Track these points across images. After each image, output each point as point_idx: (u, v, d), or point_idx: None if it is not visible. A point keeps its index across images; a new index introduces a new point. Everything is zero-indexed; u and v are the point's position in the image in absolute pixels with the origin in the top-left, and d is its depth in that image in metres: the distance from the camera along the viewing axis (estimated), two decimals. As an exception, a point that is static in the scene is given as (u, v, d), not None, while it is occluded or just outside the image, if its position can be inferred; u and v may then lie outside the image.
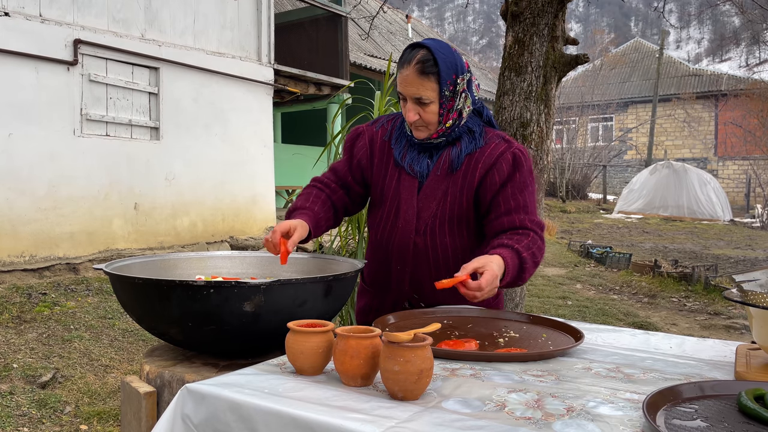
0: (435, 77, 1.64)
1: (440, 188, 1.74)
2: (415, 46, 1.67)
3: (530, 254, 1.60)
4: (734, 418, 0.98)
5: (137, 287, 1.43)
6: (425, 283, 1.79)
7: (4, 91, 5.62)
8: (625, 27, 79.68)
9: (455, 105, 1.69)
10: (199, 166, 7.40)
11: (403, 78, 1.65)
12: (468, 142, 1.74)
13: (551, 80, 3.35)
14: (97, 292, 5.32)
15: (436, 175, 1.74)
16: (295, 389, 1.12)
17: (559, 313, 5.86)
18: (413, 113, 1.67)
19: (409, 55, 1.66)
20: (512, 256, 1.55)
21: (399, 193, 1.77)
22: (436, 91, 1.65)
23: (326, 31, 10.41)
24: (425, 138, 1.73)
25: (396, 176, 1.78)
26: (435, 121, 1.68)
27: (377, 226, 1.84)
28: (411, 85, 1.64)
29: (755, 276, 1.41)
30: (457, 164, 1.73)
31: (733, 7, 11.50)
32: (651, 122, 24.02)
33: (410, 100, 1.67)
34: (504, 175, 1.71)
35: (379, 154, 1.82)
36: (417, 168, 1.75)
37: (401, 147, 1.78)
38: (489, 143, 1.75)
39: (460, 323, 1.62)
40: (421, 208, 1.75)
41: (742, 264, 9.41)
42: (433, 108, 1.66)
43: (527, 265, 1.58)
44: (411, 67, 1.64)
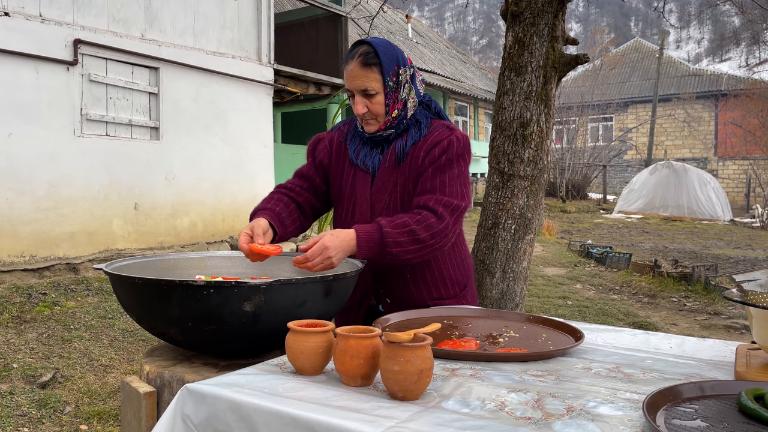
0: (377, 68, 1.72)
1: (390, 180, 1.79)
2: (358, 43, 1.76)
3: (399, 227, 1.62)
4: (734, 418, 0.98)
5: (137, 287, 1.43)
6: (389, 276, 1.82)
7: (4, 91, 5.63)
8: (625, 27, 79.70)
9: (399, 95, 1.76)
10: (199, 166, 7.40)
11: (348, 73, 1.74)
12: (414, 133, 1.80)
13: (551, 80, 3.35)
14: (97, 292, 5.32)
15: (386, 168, 1.80)
16: (295, 389, 1.12)
17: (559, 313, 5.86)
18: (361, 106, 1.74)
19: (351, 51, 1.76)
20: (369, 230, 1.61)
21: (354, 189, 1.84)
22: (380, 81, 1.73)
23: (326, 31, 10.41)
24: (375, 131, 1.79)
25: (351, 174, 1.85)
26: (382, 112, 1.75)
27: (339, 223, 1.89)
28: (356, 78, 1.72)
29: (755, 276, 1.41)
30: (402, 155, 1.78)
31: (733, 7, 11.50)
32: (651, 122, 24.03)
33: (357, 94, 1.74)
34: (434, 158, 1.75)
35: (336, 155, 1.90)
36: (369, 163, 1.82)
37: (355, 145, 1.86)
38: (432, 131, 1.80)
39: (460, 323, 1.62)
40: (375, 201, 1.80)
41: (742, 264, 9.41)
42: (379, 99, 1.73)
43: (390, 239, 1.60)
44: (354, 61, 1.73)
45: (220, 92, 7.69)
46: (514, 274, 3.36)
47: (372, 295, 1.87)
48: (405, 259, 1.64)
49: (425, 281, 1.84)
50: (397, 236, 1.61)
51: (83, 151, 6.24)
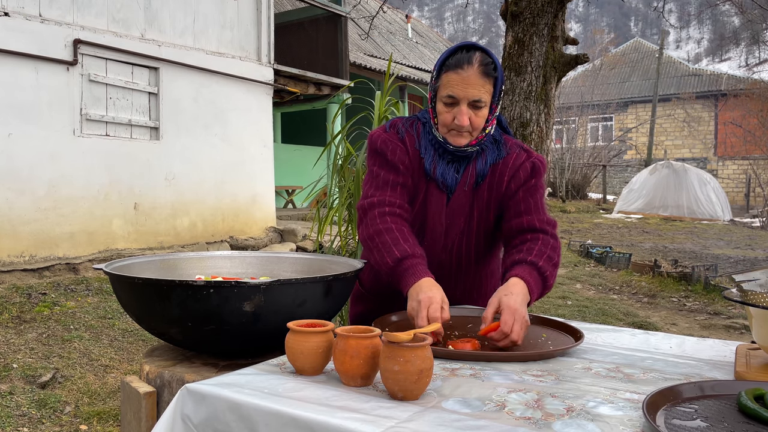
0: (493, 81, 1.59)
1: (467, 203, 1.69)
2: (470, 47, 1.60)
3: (546, 259, 1.55)
4: (734, 418, 0.98)
5: (137, 287, 1.43)
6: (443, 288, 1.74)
7: (4, 91, 5.62)
8: (624, 27, 79.71)
9: (497, 112, 1.67)
10: (198, 166, 7.40)
11: (463, 79, 1.56)
12: (492, 152, 1.69)
13: (551, 80, 3.36)
14: (97, 292, 5.32)
15: (464, 190, 1.68)
16: (295, 389, 1.13)
17: (559, 313, 5.86)
18: (467, 117, 1.58)
19: (466, 55, 1.57)
20: (530, 272, 1.51)
21: (426, 207, 1.70)
22: (491, 95, 1.61)
23: (326, 31, 10.41)
24: (464, 145, 1.64)
25: (424, 188, 1.70)
26: (481, 126, 1.63)
27: None
28: (472, 87, 1.56)
29: (755, 276, 1.41)
30: (482, 176, 1.68)
31: (733, 7, 11.50)
32: (651, 122, 24.03)
33: (465, 103, 1.58)
34: (520, 181, 1.68)
35: (412, 162, 1.70)
36: (449, 181, 1.68)
37: (431, 156, 1.69)
38: (510, 153, 1.70)
39: (460, 323, 1.62)
40: (450, 224, 1.70)
41: (742, 264, 9.41)
42: (484, 112, 1.61)
43: (547, 272, 1.54)
44: (473, 68, 1.56)
45: (220, 92, 7.69)
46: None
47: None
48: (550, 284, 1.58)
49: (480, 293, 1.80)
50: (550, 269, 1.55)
51: (83, 151, 6.24)
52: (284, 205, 11.83)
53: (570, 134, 22.44)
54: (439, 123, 1.64)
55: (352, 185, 3.41)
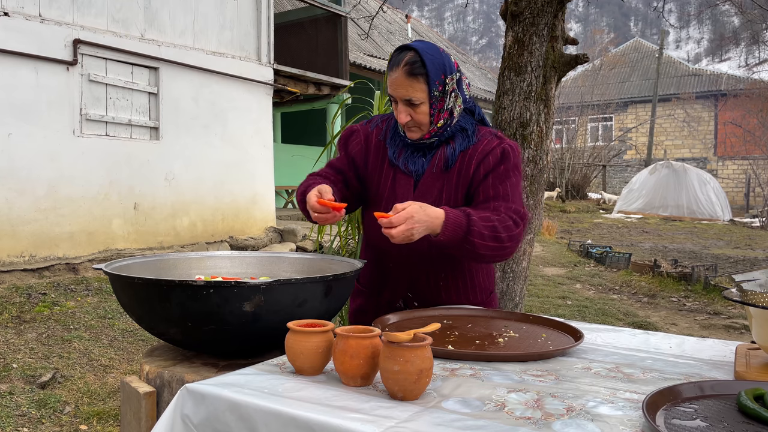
0: (423, 78, 1.65)
1: (436, 186, 1.74)
2: (403, 48, 1.68)
3: (487, 225, 1.56)
4: (734, 417, 0.98)
5: (137, 287, 1.43)
6: (421, 282, 1.80)
7: (4, 91, 5.62)
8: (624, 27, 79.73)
9: (445, 105, 1.70)
10: (198, 166, 7.40)
11: (393, 80, 1.66)
12: (461, 140, 1.75)
13: (551, 80, 3.36)
14: (97, 292, 5.32)
15: (432, 174, 1.74)
16: (294, 389, 1.13)
17: (559, 312, 5.86)
18: (404, 115, 1.68)
19: (397, 57, 1.67)
20: (457, 214, 1.54)
21: (395, 192, 1.77)
22: (426, 92, 1.66)
23: (326, 31, 10.40)
24: (418, 138, 1.73)
25: (391, 176, 1.78)
26: (426, 121, 1.69)
27: (373, 227, 1.81)
28: (400, 87, 1.65)
29: (755, 276, 1.41)
30: (451, 162, 1.73)
31: (733, 7, 11.50)
32: (651, 122, 24.04)
33: (401, 102, 1.68)
34: (489, 166, 1.71)
35: (374, 153, 1.82)
36: (412, 167, 1.76)
37: (396, 146, 1.78)
38: (482, 140, 1.76)
39: (459, 323, 1.62)
40: None
41: (741, 264, 9.41)
42: (423, 109, 1.67)
43: (475, 227, 1.54)
44: (399, 69, 1.65)
45: (219, 92, 7.69)
46: (514, 274, 3.36)
47: (400, 299, 1.85)
48: (480, 253, 1.58)
49: (456, 287, 1.82)
50: (483, 228, 1.56)
51: (83, 151, 6.24)
52: (284, 205, 11.83)
53: (570, 134, 22.44)
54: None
55: (352, 185, 3.41)
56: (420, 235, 1.50)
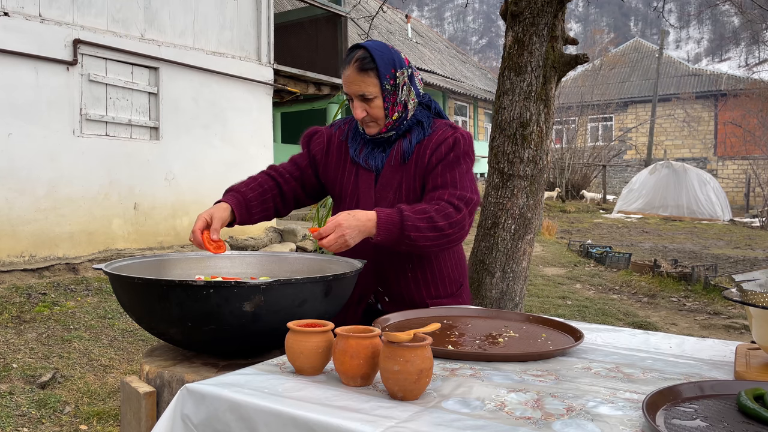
0: (374, 73, 1.73)
1: (395, 179, 1.80)
2: (354, 47, 1.78)
3: (423, 217, 1.60)
4: (734, 417, 0.98)
5: (137, 287, 1.43)
6: (389, 274, 1.83)
7: (4, 91, 5.62)
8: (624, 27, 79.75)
9: (398, 98, 1.77)
10: (198, 166, 7.40)
11: (346, 78, 1.75)
12: (417, 133, 1.81)
13: (551, 80, 3.35)
14: (97, 292, 5.32)
15: (390, 167, 1.81)
16: (294, 389, 1.13)
17: (559, 312, 5.86)
18: (360, 110, 1.75)
19: (348, 56, 1.77)
20: (389, 213, 1.60)
21: (357, 187, 1.84)
22: (378, 86, 1.74)
23: (326, 31, 10.40)
24: (376, 133, 1.80)
25: (353, 173, 1.85)
26: (382, 115, 1.77)
27: None
28: (353, 84, 1.74)
29: (755, 276, 1.41)
30: (408, 154, 1.80)
31: (733, 7, 11.50)
32: (651, 122, 24.03)
33: (356, 98, 1.75)
34: (440, 155, 1.76)
35: (336, 153, 1.90)
36: (372, 162, 1.83)
37: (356, 144, 1.86)
38: (436, 131, 1.81)
39: (459, 323, 1.62)
40: (379, 198, 1.81)
41: (741, 264, 9.42)
42: (377, 103, 1.75)
43: (409, 222, 1.59)
44: (351, 66, 1.74)
45: (219, 92, 7.69)
46: (514, 274, 3.36)
47: (371, 294, 1.87)
48: (421, 246, 1.62)
49: (425, 280, 1.85)
50: (417, 221, 1.60)
51: (83, 151, 6.24)
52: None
53: (570, 134, 22.44)
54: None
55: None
56: (355, 240, 1.56)
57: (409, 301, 1.83)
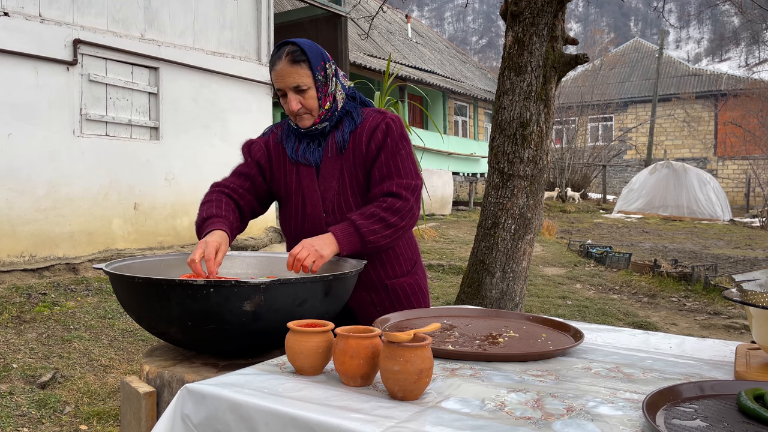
0: (306, 64, 1.78)
1: (336, 169, 1.85)
2: (281, 44, 1.81)
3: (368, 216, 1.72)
4: (734, 417, 0.98)
5: (137, 287, 1.43)
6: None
7: (4, 91, 5.62)
8: (624, 27, 79.78)
9: (329, 89, 1.83)
10: (198, 166, 7.40)
11: (278, 73, 1.78)
12: (348, 123, 1.87)
13: (551, 80, 3.35)
14: (97, 292, 5.32)
15: (329, 159, 1.86)
16: (295, 389, 1.12)
17: (559, 312, 5.86)
18: (295, 102, 1.79)
19: (277, 52, 1.80)
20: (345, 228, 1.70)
21: (300, 184, 1.88)
22: (311, 76, 1.79)
23: (326, 31, 10.40)
24: (310, 126, 1.84)
25: (294, 171, 1.89)
26: (316, 105, 1.81)
27: (289, 220, 1.92)
28: (287, 76, 1.77)
29: (755, 276, 1.41)
30: (343, 143, 1.85)
31: (733, 7, 11.50)
32: (651, 122, 24.03)
33: (290, 92, 1.79)
34: (379, 142, 1.83)
35: (275, 156, 1.94)
36: (310, 157, 1.87)
37: (292, 143, 1.91)
38: (367, 118, 1.88)
39: (460, 323, 1.62)
40: (324, 190, 1.85)
41: (741, 264, 9.42)
42: (311, 93, 1.79)
43: (364, 228, 1.70)
44: (282, 60, 1.77)
45: (219, 92, 7.69)
46: (514, 274, 3.36)
47: None
48: (383, 244, 1.74)
49: (381, 261, 1.89)
50: (371, 225, 1.70)
51: (83, 151, 6.24)
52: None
53: (570, 134, 22.44)
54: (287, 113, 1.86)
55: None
56: (329, 250, 1.64)
57: (369, 284, 1.87)
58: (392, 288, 1.89)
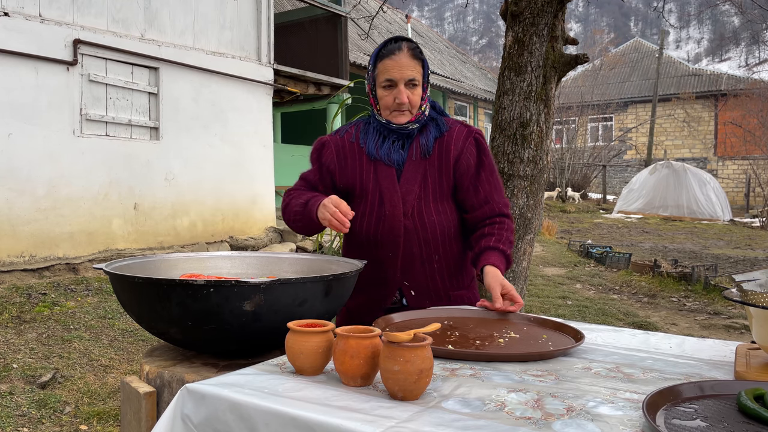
0: (421, 63, 1.84)
1: (419, 173, 1.87)
2: (397, 39, 1.84)
3: (508, 244, 1.87)
4: (734, 417, 0.98)
5: (137, 286, 1.43)
6: (416, 267, 1.87)
7: (4, 91, 5.62)
8: (624, 27, 79.77)
9: (427, 92, 1.88)
10: (198, 166, 7.40)
11: (396, 62, 1.79)
12: (433, 129, 1.90)
13: (551, 80, 3.35)
14: (97, 292, 5.32)
15: (412, 161, 1.87)
16: (295, 389, 1.12)
17: (559, 312, 5.86)
18: (405, 95, 1.80)
19: (394, 45, 1.82)
20: (501, 260, 1.82)
21: (379, 183, 1.88)
22: (422, 75, 1.84)
23: (326, 31, 10.40)
24: (405, 123, 1.85)
25: (372, 170, 1.89)
26: (418, 103, 1.84)
27: (362, 218, 1.89)
28: (406, 68, 1.79)
29: (755, 276, 1.41)
30: (428, 149, 1.87)
31: (733, 7, 11.50)
32: (651, 122, 24.02)
33: (401, 83, 1.80)
34: (474, 157, 1.90)
35: (350, 155, 1.94)
36: (394, 156, 1.88)
37: (373, 140, 1.90)
38: (452, 127, 1.92)
39: (460, 323, 1.62)
40: (405, 192, 1.86)
41: (741, 264, 9.42)
42: (418, 91, 1.83)
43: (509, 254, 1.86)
44: (403, 52, 1.80)
45: (219, 92, 7.69)
46: (514, 274, 3.36)
47: (396, 290, 1.90)
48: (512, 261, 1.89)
49: (450, 272, 1.91)
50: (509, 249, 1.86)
51: (83, 151, 6.24)
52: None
53: (570, 134, 22.44)
54: (381, 107, 1.86)
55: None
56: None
57: (434, 294, 1.88)
58: (454, 299, 1.91)
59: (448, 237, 1.91)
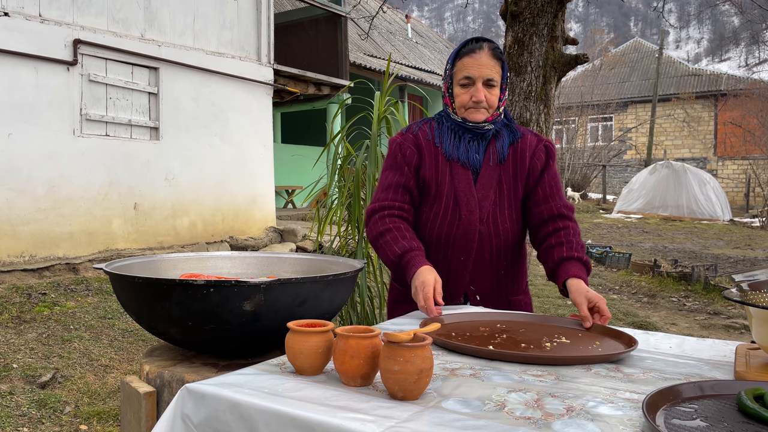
0: (501, 64, 1.84)
1: (494, 177, 1.87)
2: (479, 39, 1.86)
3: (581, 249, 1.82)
4: (734, 417, 0.98)
5: (137, 286, 1.43)
6: (485, 273, 1.87)
7: (4, 91, 5.62)
8: (624, 27, 79.76)
9: (505, 95, 1.89)
10: (198, 166, 7.40)
11: (476, 60, 1.80)
12: (508, 134, 1.91)
13: (551, 80, 3.36)
14: (97, 292, 5.32)
15: (489, 166, 1.87)
16: (295, 389, 1.12)
17: (559, 312, 5.86)
18: (482, 93, 1.80)
19: (476, 44, 1.83)
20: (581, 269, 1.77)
21: (454, 185, 1.86)
22: (501, 76, 1.84)
23: (326, 31, 10.41)
24: (482, 120, 1.83)
25: (448, 171, 1.87)
26: (495, 104, 1.84)
27: (435, 220, 1.87)
28: (486, 67, 1.80)
29: (755, 276, 1.41)
30: (503, 154, 1.88)
31: (733, 7, 11.50)
32: (650, 122, 24.02)
33: (480, 82, 1.80)
34: (542, 161, 1.90)
35: (427, 154, 1.90)
36: (473, 158, 1.87)
37: (449, 141, 1.88)
38: (524, 136, 1.93)
39: (512, 327, 1.58)
40: (481, 198, 1.85)
41: (741, 264, 9.42)
42: (496, 91, 1.83)
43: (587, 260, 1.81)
44: (484, 51, 1.81)
45: (219, 92, 7.69)
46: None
47: (462, 294, 1.89)
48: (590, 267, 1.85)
49: (513, 276, 1.93)
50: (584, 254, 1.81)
51: (83, 151, 6.24)
52: (284, 205, 11.83)
53: (570, 134, 22.44)
54: (457, 105, 1.85)
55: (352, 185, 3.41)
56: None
57: (498, 298, 1.89)
58: (512, 303, 1.92)
59: (518, 244, 1.92)
